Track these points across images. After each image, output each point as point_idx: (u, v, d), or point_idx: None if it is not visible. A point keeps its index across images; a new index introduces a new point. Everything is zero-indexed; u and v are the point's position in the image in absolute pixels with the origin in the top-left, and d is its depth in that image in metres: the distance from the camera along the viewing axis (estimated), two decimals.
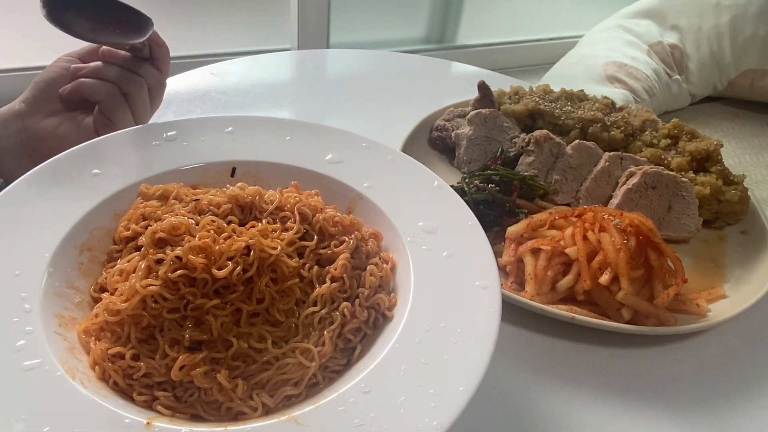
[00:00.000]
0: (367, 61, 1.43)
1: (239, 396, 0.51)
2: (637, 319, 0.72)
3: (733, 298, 0.79)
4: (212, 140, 0.73)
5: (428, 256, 0.61)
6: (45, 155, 0.66)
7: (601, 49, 1.99)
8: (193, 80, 0.77)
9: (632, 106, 1.11)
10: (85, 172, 0.65)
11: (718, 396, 0.70)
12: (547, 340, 0.73)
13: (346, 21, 2.39)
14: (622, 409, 0.67)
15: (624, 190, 0.89)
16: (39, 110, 0.76)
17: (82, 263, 0.60)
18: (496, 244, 0.76)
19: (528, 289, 0.74)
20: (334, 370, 0.55)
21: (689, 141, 1.01)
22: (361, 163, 0.72)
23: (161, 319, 0.53)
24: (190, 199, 0.65)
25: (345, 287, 0.59)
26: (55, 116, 0.77)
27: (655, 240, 0.75)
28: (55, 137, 0.75)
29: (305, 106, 1.22)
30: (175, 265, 0.54)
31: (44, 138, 0.76)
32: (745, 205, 0.93)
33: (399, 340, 0.53)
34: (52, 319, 0.53)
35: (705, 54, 2.01)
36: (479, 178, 0.89)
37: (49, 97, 0.76)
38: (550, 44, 2.76)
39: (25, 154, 0.75)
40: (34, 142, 0.76)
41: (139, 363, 0.52)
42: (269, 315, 0.56)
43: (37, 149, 0.75)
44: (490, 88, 1.06)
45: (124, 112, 0.76)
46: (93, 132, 0.76)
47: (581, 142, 0.97)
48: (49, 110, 0.77)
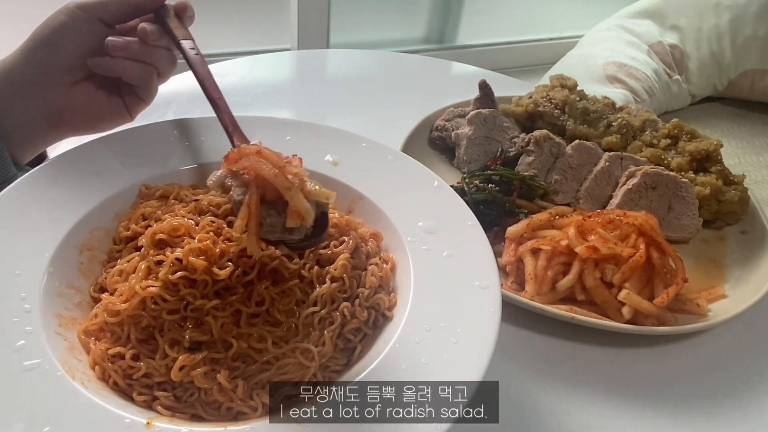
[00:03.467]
0: (367, 61, 1.43)
1: (239, 396, 0.51)
2: (637, 319, 0.72)
3: (733, 298, 0.79)
4: (212, 140, 0.73)
5: (428, 256, 0.61)
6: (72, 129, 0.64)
7: (601, 49, 1.99)
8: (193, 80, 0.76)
9: (632, 106, 1.11)
10: (85, 172, 0.65)
11: (718, 396, 0.70)
12: (547, 340, 0.73)
13: (346, 21, 2.39)
14: (622, 409, 0.67)
15: (624, 190, 0.89)
16: (56, 81, 0.68)
17: (82, 263, 0.60)
18: (496, 244, 0.76)
19: (528, 289, 0.74)
20: (334, 370, 0.55)
21: (689, 141, 1.00)
22: (361, 163, 0.72)
23: (161, 320, 0.53)
24: (190, 200, 0.65)
25: (345, 287, 0.59)
26: (78, 89, 0.70)
27: (658, 239, 0.75)
28: (84, 115, 0.71)
29: (305, 106, 1.22)
30: (175, 267, 0.54)
31: (71, 115, 0.70)
32: (745, 205, 0.93)
33: (399, 340, 0.53)
34: (52, 319, 0.53)
35: (705, 54, 2.01)
36: (479, 178, 0.89)
37: (62, 62, 0.68)
38: (550, 44, 2.76)
39: (48, 127, 0.71)
40: (58, 117, 0.70)
41: (139, 363, 0.52)
42: (269, 315, 0.56)
43: (63, 124, 0.71)
44: (490, 87, 1.06)
45: (156, 90, 0.74)
46: (125, 110, 0.73)
47: (581, 142, 0.97)
48: (68, 81, 0.69)
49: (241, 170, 0.53)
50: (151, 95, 0.73)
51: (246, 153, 0.54)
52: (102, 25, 0.68)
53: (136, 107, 0.73)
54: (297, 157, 0.55)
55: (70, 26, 0.67)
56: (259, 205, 0.53)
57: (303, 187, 0.53)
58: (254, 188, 0.52)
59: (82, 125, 0.72)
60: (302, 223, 0.53)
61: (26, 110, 0.69)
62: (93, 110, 0.71)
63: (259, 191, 0.53)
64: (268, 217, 0.53)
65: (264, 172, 0.52)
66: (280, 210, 0.53)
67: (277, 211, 0.53)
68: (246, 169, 0.53)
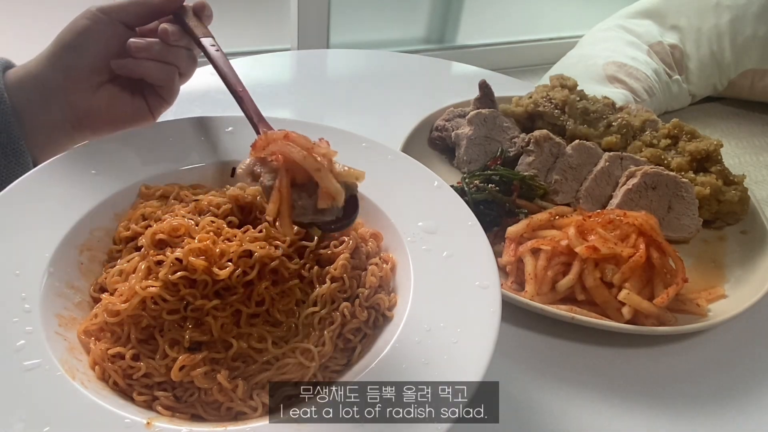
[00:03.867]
0: (367, 61, 1.43)
1: (239, 396, 0.51)
2: (637, 319, 0.72)
3: (733, 298, 0.79)
4: (212, 140, 0.73)
5: (428, 256, 0.61)
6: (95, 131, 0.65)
7: (601, 49, 1.99)
8: (193, 80, 0.77)
9: (632, 106, 1.11)
10: (85, 172, 0.65)
11: (718, 396, 0.70)
12: (547, 340, 0.73)
13: (346, 21, 2.39)
14: (622, 409, 0.67)
15: (624, 190, 0.89)
16: (81, 84, 0.69)
17: (82, 263, 0.60)
18: (496, 244, 0.76)
19: (528, 289, 0.74)
20: (334, 370, 0.55)
21: (689, 141, 1.00)
22: (360, 163, 0.71)
23: (161, 320, 0.53)
24: (190, 200, 0.65)
25: (345, 287, 0.59)
26: (102, 91, 0.71)
27: (658, 239, 0.75)
28: (108, 117, 0.72)
29: (305, 106, 1.22)
30: (175, 267, 0.54)
31: (95, 117, 0.71)
32: (745, 205, 0.93)
33: (399, 340, 0.53)
34: (52, 319, 0.53)
35: (705, 54, 2.01)
36: (479, 178, 0.89)
37: (87, 65, 0.69)
38: (550, 44, 2.76)
39: (72, 130, 0.71)
40: (82, 120, 0.71)
41: (139, 363, 0.52)
42: (269, 315, 0.56)
43: (87, 126, 0.72)
44: (490, 87, 1.06)
45: (178, 91, 0.74)
46: (148, 111, 0.73)
47: (581, 142, 0.97)
48: (93, 83, 0.70)
49: (270, 156, 0.53)
50: (173, 95, 0.74)
51: (273, 138, 0.53)
52: (123, 27, 0.70)
53: (159, 108, 0.74)
54: (324, 140, 0.55)
55: (93, 30, 0.68)
56: (290, 188, 0.52)
57: (332, 168, 0.53)
58: (284, 172, 0.52)
59: (106, 126, 0.73)
60: (333, 203, 0.53)
61: (51, 114, 0.70)
62: (117, 112, 0.72)
63: (289, 175, 0.52)
64: (299, 200, 0.53)
65: (293, 155, 0.52)
66: (311, 192, 0.53)
67: (307, 193, 0.53)
68: (274, 154, 0.53)
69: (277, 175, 0.53)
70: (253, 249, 0.56)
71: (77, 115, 0.71)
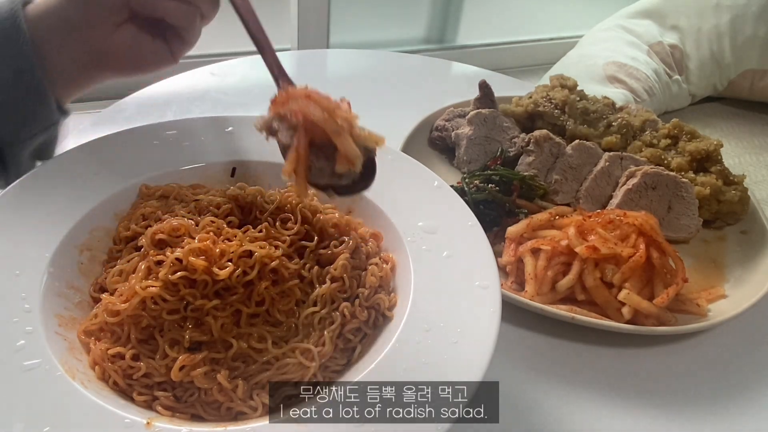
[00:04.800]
0: (367, 61, 1.43)
1: (239, 396, 0.51)
2: (637, 319, 0.72)
3: (733, 298, 0.79)
4: (212, 140, 0.73)
5: (428, 256, 0.61)
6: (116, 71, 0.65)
7: (601, 49, 1.99)
8: (193, 80, 0.77)
9: (632, 106, 1.11)
10: (85, 172, 0.65)
11: (718, 396, 0.70)
12: (547, 340, 0.73)
13: (346, 21, 2.39)
14: (622, 409, 0.67)
15: (624, 190, 0.89)
16: (100, 21, 0.67)
17: (82, 263, 0.60)
18: (496, 244, 0.76)
19: (528, 289, 0.74)
20: (334, 370, 0.55)
21: (689, 141, 1.00)
22: None
23: (161, 320, 0.53)
24: (190, 200, 0.65)
25: (345, 287, 0.59)
26: (122, 30, 0.68)
27: (658, 239, 0.75)
28: (129, 57, 0.70)
29: None
30: (175, 267, 0.54)
31: (116, 57, 0.70)
32: (745, 205, 0.93)
33: (399, 340, 0.53)
34: (52, 319, 0.53)
35: (705, 54, 2.01)
36: (479, 178, 0.89)
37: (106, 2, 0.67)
38: (550, 44, 2.76)
39: (93, 69, 0.70)
40: (103, 59, 0.69)
41: (139, 363, 0.52)
42: (269, 315, 0.56)
43: (108, 66, 0.71)
44: (490, 87, 1.06)
45: (199, 33, 0.72)
46: (168, 53, 0.72)
47: (581, 142, 0.97)
48: (113, 22, 0.68)
49: (290, 113, 0.52)
50: (194, 37, 0.72)
51: (295, 95, 0.52)
52: None
53: (180, 49, 0.72)
54: (345, 101, 0.53)
55: None
56: (308, 148, 0.51)
57: (352, 131, 0.51)
58: (303, 132, 0.50)
59: (126, 67, 0.72)
60: (351, 168, 0.51)
61: (71, 50, 0.68)
62: (137, 52, 0.71)
63: (308, 135, 0.51)
64: (317, 161, 0.52)
65: (313, 115, 0.50)
66: (329, 154, 0.51)
67: (325, 155, 0.51)
68: (295, 112, 0.51)
69: (295, 133, 0.51)
70: (253, 249, 0.56)
71: (98, 54, 0.69)
